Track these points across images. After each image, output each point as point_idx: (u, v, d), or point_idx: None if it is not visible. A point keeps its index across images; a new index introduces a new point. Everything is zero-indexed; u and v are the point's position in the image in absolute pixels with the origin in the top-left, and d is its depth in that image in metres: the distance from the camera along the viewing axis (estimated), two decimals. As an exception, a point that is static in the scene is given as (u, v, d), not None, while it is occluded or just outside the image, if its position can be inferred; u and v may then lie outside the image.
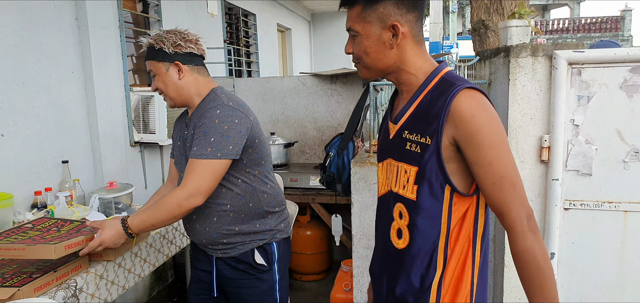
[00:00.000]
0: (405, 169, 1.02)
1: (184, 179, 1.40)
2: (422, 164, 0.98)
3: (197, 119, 1.45)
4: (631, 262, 1.77)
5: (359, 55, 1.03)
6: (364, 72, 1.06)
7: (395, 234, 1.07)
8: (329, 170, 2.87)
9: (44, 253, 1.30)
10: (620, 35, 17.07)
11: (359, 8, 1.00)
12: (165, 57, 1.46)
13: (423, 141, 0.98)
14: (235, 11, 5.09)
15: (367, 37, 1.01)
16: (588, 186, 1.76)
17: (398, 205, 1.05)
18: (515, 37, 1.94)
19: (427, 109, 0.99)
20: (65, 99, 2.42)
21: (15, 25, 2.13)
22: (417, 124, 1.00)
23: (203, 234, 1.52)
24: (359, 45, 1.02)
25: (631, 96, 1.67)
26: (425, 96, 1.00)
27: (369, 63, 1.03)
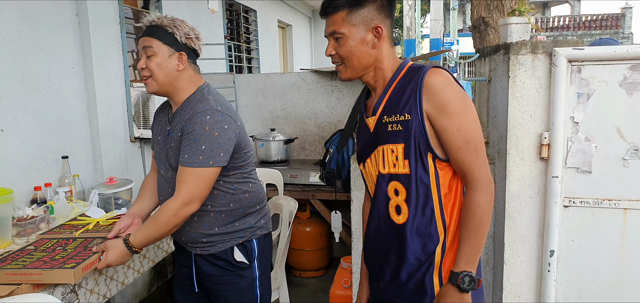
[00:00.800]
0: (391, 149, 1.12)
1: (177, 188, 1.40)
2: (407, 139, 1.09)
3: (186, 123, 1.42)
4: (630, 260, 1.77)
5: (345, 56, 1.13)
6: (347, 73, 1.16)
7: (394, 211, 1.16)
8: (329, 166, 2.87)
9: (63, 278, 1.31)
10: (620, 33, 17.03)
11: (345, 12, 1.10)
12: (173, 43, 1.44)
13: (403, 119, 1.10)
14: (235, 7, 5.08)
15: (352, 39, 1.11)
16: (588, 184, 1.76)
17: (392, 183, 1.15)
18: (515, 35, 1.94)
19: (401, 92, 1.12)
20: (65, 95, 2.42)
21: (15, 20, 2.13)
22: (394, 106, 1.12)
23: (183, 233, 1.53)
24: (343, 47, 1.12)
25: (631, 94, 1.67)
26: (397, 84, 1.14)
27: (353, 63, 1.13)
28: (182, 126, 1.43)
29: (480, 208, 1.09)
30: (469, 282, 1.09)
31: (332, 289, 2.65)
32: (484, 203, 1.09)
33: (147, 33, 1.44)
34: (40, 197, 2.07)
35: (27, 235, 1.79)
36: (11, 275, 1.30)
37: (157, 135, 1.58)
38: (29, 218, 1.82)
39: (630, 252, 1.76)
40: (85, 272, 1.37)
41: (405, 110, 1.10)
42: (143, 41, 1.44)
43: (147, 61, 1.43)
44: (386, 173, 1.15)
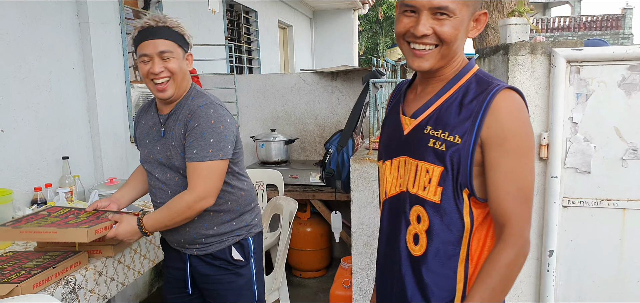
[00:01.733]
0: (426, 169, 0.93)
1: (191, 183, 1.39)
2: (448, 164, 0.90)
3: (188, 118, 1.40)
4: (629, 260, 1.77)
5: (448, 38, 0.88)
6: (433, 60, 0.91)
7: (412, 239, 0.98)
8: (329, 167, 2.87)
9: (76, 236, 1.34)
10: (621, 34, 17.02)
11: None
12: (185, 44, 1.44)
13: (451, 140, 0.90)
14: (236, 8, 5.09)
15: (461, 21, 0.89)
16: (587, 184, 1.76)
17: (416, 208, 0.96)
18: (515, 35, 1.94)
19: (458, 106, 0.91)
20: (65, 95, 2.42)
21: (16, 21, 2.14)
22: (445, 120, 0.92)
23: (182, 233, 1.52)
24: (449, 27, 0.88)
25: (629, 94, 1.67)
26: (455, 92, 0.93)
27: (452, 49, 0.91)
28: (184, 123, 1.41)
29: (509, 270, 0.88)
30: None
31: (333, 289, 2.66)
32: (514, 265, 0.89)
33: (158, 35, 1.37)
34: (40, 198, 2.07)
35: (27, 235, 1.79)
36: (26, 233, 1.35)
37: (144, 139, 1.55)
38: (29, 218, 1.82)
39: (629, 252, 1.77)
40: (97, 234, 1.39)
41: (458, 131, 0.90)
42: (156, 43, 1.37)
43: (165, 63, 1.38)
44: (414, 193, 0.96)
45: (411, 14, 0.90)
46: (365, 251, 2.29)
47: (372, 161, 2.21)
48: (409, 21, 0.90)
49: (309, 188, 3.15)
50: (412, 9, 0.89)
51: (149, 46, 1.37)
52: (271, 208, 2.69)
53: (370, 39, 12.52)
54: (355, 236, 2.29)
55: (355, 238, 2.29)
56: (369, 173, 2.21)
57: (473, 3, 0.90)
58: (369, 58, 11.30)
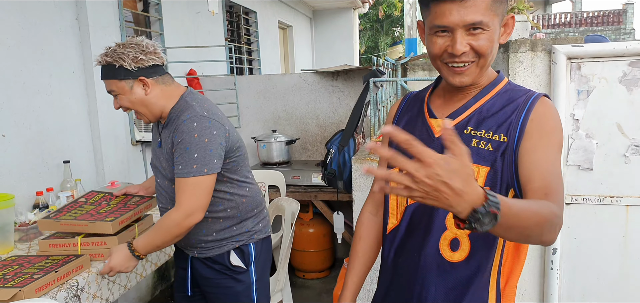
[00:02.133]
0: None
1: (177, 199, 1.39)
2: (496, 163, 0.89)
3: (174, 134, 1.40)
4: (633, 256, 1.76)
5: (485, 52, 0.88)
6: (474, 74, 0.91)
7: (447, 245, 0.93)
8: (330, 167, 2.87)
9: (103, 229, 1.53)
10: (622, 29, 16.95)
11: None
12: (128, 75, 1.38)
13: (497, 139, 0.89)
14: (236, 9, 5.09)
15: (494, 32, 0.89)
16: (589, 181, 1.76)
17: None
18: (514, 32, 1.93)
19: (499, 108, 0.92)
20: (66, 99, 2.43)
21: (16, 25, 2.14)
22: (487, 121, 0.92)
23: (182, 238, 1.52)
24: (485, 40, 0.87)
25: (631, 90, 1.66)
26: (491, 98, 0.94)
27: (488, 61, 0.91)
28: (171, 139, 1.41)
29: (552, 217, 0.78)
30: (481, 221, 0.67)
31: (336, 290, 2.65)
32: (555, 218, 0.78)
33: (102, 75, 1.42)
34: (42, 202, 2.07)
35: (29, 240, 1.79)
36: (65, 225, 1.55)
37: (153, 144, 1.59)
38: (31, 223, 1.82)
39: (632, 249, 1.76)
40: (121, 225, 1.55)
41: (502, 130, 0.90)
42: (104, 84, 1.44)
43: (116, 101, 1.44)
44: None
45: (444, 34, 0.89)
46: (368, 251, 2.28)
47: (374, 160, 2.20)
48: (443, 41, 0.89)
49: (311, 188, 3.15)
50: (444, 29, 0.88)
51: (105, 85, 1.44)
52: (273, 209, 2.68)
53: (370, 38, 12.50)
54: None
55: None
56: (371, 172, 2.20)
57: (501, 10, 0.90)
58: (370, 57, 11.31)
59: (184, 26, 3.75)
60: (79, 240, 1.60)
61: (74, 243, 1.60)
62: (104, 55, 1.39)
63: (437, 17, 0.88)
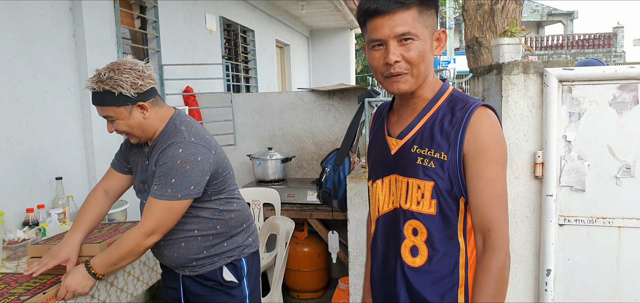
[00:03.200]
0: (418, 185, 1.00)
1: (142, 218, 1.39)
2: (440, 179, 0.97)
3: (158, 155, 1.40)
4: (626, 277, 1.76)
5: (416, 61, 0.95)
6: (409, 82, 0.98)
7: (408, 252, 1.03)
8: (325, 186, 2.86)
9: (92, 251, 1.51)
10: (613, 52, 17.24)
11: (416, 11, 0.94)
12: (127, 101, 1.37)
13: (438, 157, 0.97)
14: (234, 27, 5.14)
15: (424, 42, 0.96)
16: (582, 202, 1.76)
17: (411, 222, 1.02)
18: (507, 55, 1.96)
19: (440, 126, 0.99)
20: (60, 115, 2.42)
21: (12, 41, 2.15)
22: (429, 139, 0.99)
23: (171, 259, 1.52)
24: (415, 50, 0.95)
25: (621, 113, 1.68)
26: (435, 112, 1.01)
27: (421, 71, 0.97)
28: (156, 160, 1.42)
29: (502, 273, 0.96)
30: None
31: (329, 310, 2.62)
32: (505, 268, 0.96)
33: (96, 101, 1.38)
34: (32, 219, 2.05)
35: (17, 259, 1.77)
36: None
37: (136, 167, 1.56)
38: (20, 241, 1.80)
39: (625, 270, 1.76)
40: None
41: (443, 149, 0.97)
42: (99, 110, 1.41)
43: (113, 125, 1.41)
44: (407, 208, 1.02)
45: (379, 47, 0.97)
46: (363, 272, 2.27)
47: (368, 180, 2.20)
48: (380, 54, 0.98)
49: (306, 206, 3.14)
50: (379, 43, 0.97)
51: (98, 110, 1.42)
52: (268, 228, 2.66)
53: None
54: (352, 256, 2.27)
55: (352, 258, 2.27)
56: (366, 191, 2.20)
57: (431, 23, 0.98)
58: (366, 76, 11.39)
59: (182, 44, 3.78)
60: (69, 258, 1.58)
61: (64, 262, 1.57)
62: (99, 81, 1.35)
63: (372, 32, 0.97)
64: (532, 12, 20.75)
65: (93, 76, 1.38)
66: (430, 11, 0.97)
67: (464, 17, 3.69)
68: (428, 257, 1.01)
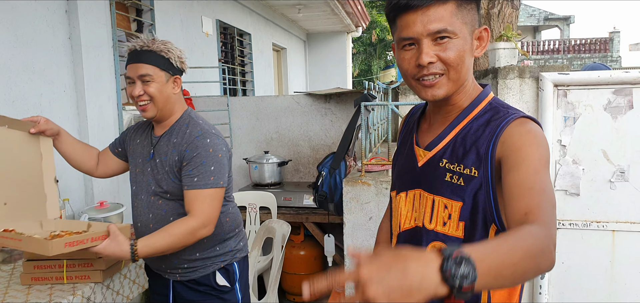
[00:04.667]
0: (445, 205, 0.88)
1: (194, 209, 1.37)
2: (467, 198, 0.85)
3: (184, 148, 1.40)
4: (620, 281, 1.77)
5: (453, 62, 0.83)
6: (446, 87, 0.86)
7: None
8: (321, 189, 2.87)
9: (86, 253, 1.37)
10: (609, 56, 17.37)
11: (454, 5, 0.82)
12: (170, 68, 1.43)
13: (467, 173, 0.85)
14: (230, 31, 5.14)
15: (464, 41, 0.84)
16: (576, 206, 1.78)
17: (434, 244, 0.91)
18: (503, 59, 1.98)
19: (473, 137, 0.87)
20: (56, 118, 2.41)
21: (7, 44, 2.14)
22: (460, 153, 0.87)
23: (163, 259, 1.50)
24: (453, 50, 0.83)
25: (615, 117, 1.70)
26: (469, 122, 0.89)
27: (460, 74, 0.85)
28: (179, 152, 1.41)
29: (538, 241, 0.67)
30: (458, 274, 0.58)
31: (325, 314, 2.62)
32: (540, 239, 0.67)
33: (141, 59, 1.39)
34: (28, 222, 2.04)
35: (13, 262, 1.76)
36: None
37: (136, 157, 1.54)
38: (15, 244, 1.79)
39: (619, 273, 1.77)
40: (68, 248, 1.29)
41: (472, 163, 0.85)
42: (137, 67, 1.39)
43: (144, 86, 1.40)
44: (431, 229, 0.91)
45: (411, 47, 0.85)
46: (358, 275, 2.26)
47: (365, 183, 2.21)
48: (411, 55, 0.86)
49: (303, 210, 3.14)
50: (410, 42, 0.85)
51: (131, 69, 1.42)
52: (264, 231, 2.66)
53: (364, 61, 12.67)
54: (348, 260, 2.27)
55: (348, 262, 2.27)
56: (361, 195, 2.21)
57: (471, 19, 0.85)
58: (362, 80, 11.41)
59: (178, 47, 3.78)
60: (65, 262, 1.57)
61: (59, 265, 1.57)
62: (153, 42, 1.41)
63: (402, 29, 0.85)
64: (529, 17, 20.89)
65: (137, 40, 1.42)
66: (470, 5, 0.84)
67: (460, 22, 3.70)
68: None
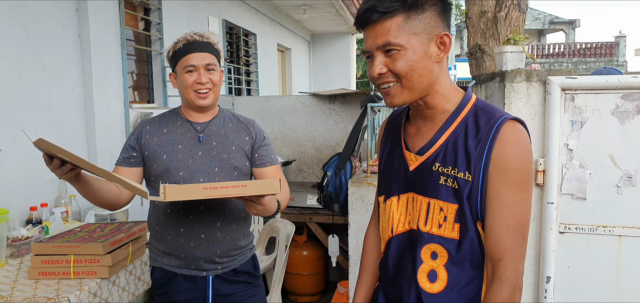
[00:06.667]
0: (441, 207, 0.92)
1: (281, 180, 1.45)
2: (463, 201, 0.89)
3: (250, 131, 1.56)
4: (625, 286, 1.77)
5: (404, 72, 0.88)
6: (403, 96, 0.91)
7: (425, 278, 0.95)
8: (326, 190, 2.87)
9: (94, 250, 1.51)
10: (614, 61, 17.30)
11: (401, 18, 0.86)
12: (220, 60, 1.53)
13: (462, 177, 0.89)
14: (236, 31, 5.16)
15: (413, 51, 0.87)
16: (582, 210, 1.77)
17: (430, 246, 0.94)
18: (510, 63, 1.98)
19: (464, 140, 0.90)
20: (64, 115, 2.43)
21: (18, 41, 2.16)
22: (453, 157, 0.91)
23: (220, 244, 1.47)
24: (401, 61, 0.87)
25: (623, 122, 1.69)
26: (458, 125, 0.92)
27: (415, 82, 0.89)
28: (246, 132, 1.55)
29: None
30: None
31: (328, 314, 2.62)
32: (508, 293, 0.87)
33: (205, 49, 1.47)
34: (35, 217, 2.06)
35: (21, 256, 1.77)
36: (56, 247, 1.55)
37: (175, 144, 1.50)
38: (23, 239, 1.81)
39: (625, 279, 1.76)
40: (113, 246, 1.54)
41: (467, 167, 0.89)
42: (203, 56, 1.46)
43: (209, 75, 1.47)
44: (426, 231, 0.94)
45: (370, 59, 0.92)
46: (362, 276, 2.27)
47: (370, 184, 2.21)
48: (371, 66, 0.92)
49: (306, 210, 3.15)
50: (368, 55, 0.92)
51: (195, 57, 1.45)
52: (268, 231, 2.67)
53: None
54: (352, 261, 2.28)
55: (352, 263, 2.28)
56: (367, 196, 2.21)
57: (425, 28, 0.88)
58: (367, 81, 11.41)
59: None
60: (72, 257, 1.59)
61: (67, 260, 1.58)
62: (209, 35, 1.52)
63: (364, 44, 0.92)
64: (534, 20, 20.84)
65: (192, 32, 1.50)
66: (421, 15, 0.87)
67: (467, 25, 3.71)
68: (447, 282, 0.93)
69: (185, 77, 1.46)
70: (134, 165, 1.55)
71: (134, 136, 1.55)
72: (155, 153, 1.51)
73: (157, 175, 1.50)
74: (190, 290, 1.50)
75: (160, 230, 1.53)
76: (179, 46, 1.47)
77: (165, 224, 1.51)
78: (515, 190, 0.87)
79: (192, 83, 1.46)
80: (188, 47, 1.46)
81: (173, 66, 1.51)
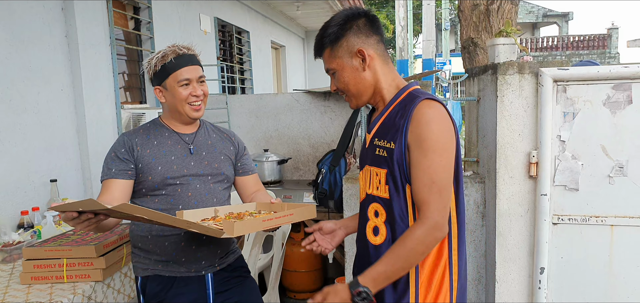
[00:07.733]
0: (376, 172, 1.16)
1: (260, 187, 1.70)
2: (390, 165, 1.12)
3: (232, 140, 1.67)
4: (618, 276, 1.77)
5: (343, 88, 1.18)
6: (353, 102, 1.20)
7: (371, 232, 1.18)
8: (321, 187, 2.87)
9: (87, 253, 1.57)
10: (607, 53, 17.36)
11: (328, 50, 1.17)
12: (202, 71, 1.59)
13: (388, 146, 1.12)
14: (228, 28, 5.13)
15: (343, 71, 1.16)
16: (575, 201, 1.78)
17: (373, 205, 1.18)
18: (503, 55, 1.97)
19: (394, 118, 1.13)
20: (54, 117, 2.41)
21: (3, 42, 2.13)
22: (385, 131, 1.14)
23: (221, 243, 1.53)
24: (339, 80, 1.17)
25: (614, 113, 1.69)
26: (394, 107, 1.15)
27: (353, 91, 1.17)
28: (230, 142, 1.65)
29: (415, 241, 1.06)
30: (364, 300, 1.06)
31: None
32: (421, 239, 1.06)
33: (195, 62, 1.50)
34: (27, 221, 2.04)
35: (13, 261, 1.75)
36: (49, 251, 1.59)
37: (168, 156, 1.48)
38: (15, 243, 1.79)
39: (618, 268, 1.77)
40: (106, 249, 1.62)
41: (392, 138, 1.11)
42: (196, 69, 1.48)
43: (201, 87, 1.50)
44: (370, 193, 1.19)
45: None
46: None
47: (364, 180, 2.20)
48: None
49: (301, 207, 3.13)
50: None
51: (189, 71, 1.47)
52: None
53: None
54: (348, 256, 2.27)
55: (348, 259, 2.27)
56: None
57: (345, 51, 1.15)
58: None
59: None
60: (65, 261, 1.57)
61: (60, 264, 1.57)
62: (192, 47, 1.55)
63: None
64: (528, 14, 20.88)
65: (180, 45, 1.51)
66: (339, 43, 1.15)
67: (460, 18, 3.71)
68: (386, 237, 1.14)
69: (180, 91, 1.45)
70: (130, 177, 1.45)
71: (125, 149, 1.47)
72: (150, 165, 1.45)
73: (151, 187, 1.45)
74: (191, 291, 1.48)
75: (155, 238, 1.46)
76: (168, 59, 1.44)
77: (162, 231, 1.46)
78: (429, 155, 1.06)
79: (187, 96, 1.46)
80: (180, 61, 1.45)
81: (161, 79, 1.45)
